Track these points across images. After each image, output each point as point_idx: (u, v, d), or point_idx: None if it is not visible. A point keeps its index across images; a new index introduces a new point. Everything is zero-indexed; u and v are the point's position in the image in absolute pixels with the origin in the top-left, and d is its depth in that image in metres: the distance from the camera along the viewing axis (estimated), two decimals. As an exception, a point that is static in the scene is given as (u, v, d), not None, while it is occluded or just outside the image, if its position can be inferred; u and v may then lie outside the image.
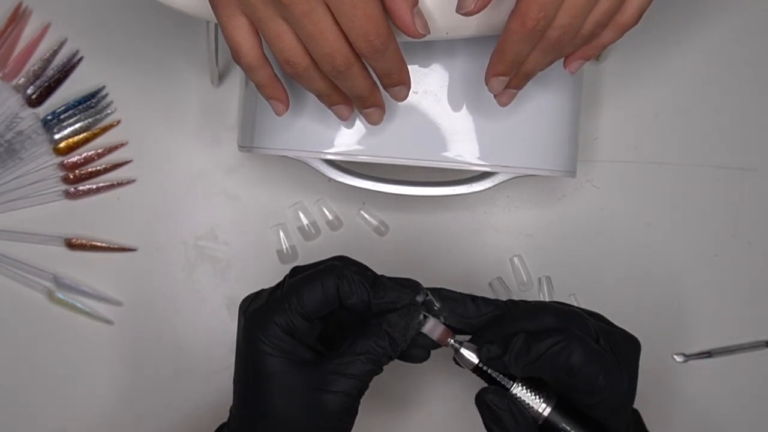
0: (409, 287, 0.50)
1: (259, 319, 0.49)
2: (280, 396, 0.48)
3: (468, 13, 0.45)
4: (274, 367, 0.49)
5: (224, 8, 0.45)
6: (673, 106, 0.69)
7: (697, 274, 0.69)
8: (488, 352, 0.49)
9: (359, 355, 0.48)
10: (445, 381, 0.68)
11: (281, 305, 0.49)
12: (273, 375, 0.48)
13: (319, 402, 0.48)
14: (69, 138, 0.67)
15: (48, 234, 0.67)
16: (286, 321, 0.49)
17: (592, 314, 0.52)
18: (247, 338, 0.50)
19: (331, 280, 0.49)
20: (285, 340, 0.49)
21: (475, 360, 0.49)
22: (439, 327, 0.50)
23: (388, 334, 0.49)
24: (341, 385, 0.48)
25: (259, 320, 0.49)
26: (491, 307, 0.51)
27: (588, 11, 0.45)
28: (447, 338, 0.50)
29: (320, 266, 0.51)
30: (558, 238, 0.69)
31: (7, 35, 0.67)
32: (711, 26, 0.70)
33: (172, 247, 0.68)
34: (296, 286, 0.50)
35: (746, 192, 0.69)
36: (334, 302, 0.50)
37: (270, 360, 0.49)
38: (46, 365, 0.67)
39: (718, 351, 0.68)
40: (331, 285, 0.49)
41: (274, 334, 0.49)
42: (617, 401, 0.48)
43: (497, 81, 0.50)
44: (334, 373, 0.48)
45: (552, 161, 0.59)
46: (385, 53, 0.45)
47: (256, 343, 0.49)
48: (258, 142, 0.59)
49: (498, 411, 0.48)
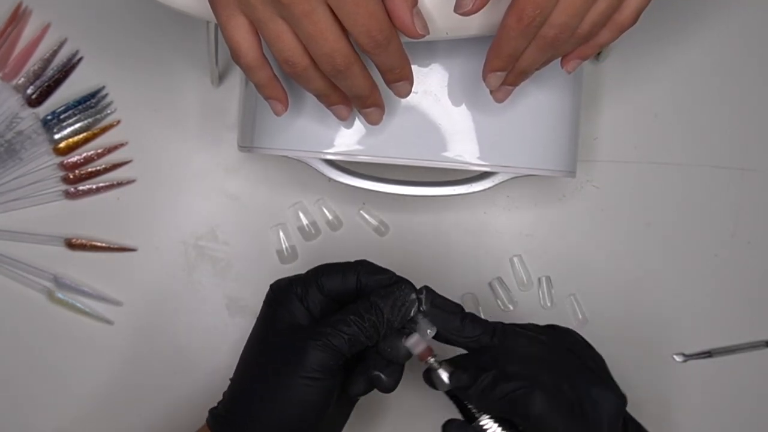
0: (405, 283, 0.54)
1: (282, 285, 0.54)
2: (282, 356, 0.51)
3: (466, 12, 0.45)
4: (283, 327, 0.52)
5: (224, 8, 0.45)
6: (673, 106, 0.69)
7: (697, 274, 0.69)
8: (458, 381, 0.51)
9: (347, 316, 0.51)
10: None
11: (303, 278, 0.54)
12: (279, 332, 0.52)
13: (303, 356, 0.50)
14: (69, 138, 0.67)
15: (48, 234, 0.67)
16: (302, 289, 0.53)
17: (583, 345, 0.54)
18: (267, 303, 0.55)
19: (354, 270, 0.53)
20: (298, 307, 0.53)
21: (446, 384, 0.51)
22: (422, 344, 0.51)
23: (377, 306, 0.51)
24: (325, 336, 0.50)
25: (282, 286, 0.54)
26: (478, 330, 0.53)
27: (585, 11, 0.45)
28: (427, 356, 0.51)
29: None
30: (558, 238, 0.69)
31: (7, 35, 0.67)
32: (711, 26, 0.70)
33: (172, 247, 0.68)
34: (322, 267, 0.54)
35: (746, 192, 0.69)
36: (352, 288, 0.53)
37: (281, 321, 0.52)
38: (46, 365, 0.67)
39: (718, 351, 0.68)
40: (352, 273, 0.53)
41: (291, 299, 0.53)
42: None
43: (494, 77, 0.50)
44: (322, 327, 0.51)
45: (552, 161, 0.59)
46: (387, 48, 0.46)
47: (274, 305, 0.53)
48: (258, 142, 0.59)
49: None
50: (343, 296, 0.53)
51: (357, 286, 0.53)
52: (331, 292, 0.53)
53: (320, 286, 0.53)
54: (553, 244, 0.69)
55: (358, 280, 0.53)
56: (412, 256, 0.68)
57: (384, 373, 0.52)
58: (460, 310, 0.53)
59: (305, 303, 0.53)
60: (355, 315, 0.51)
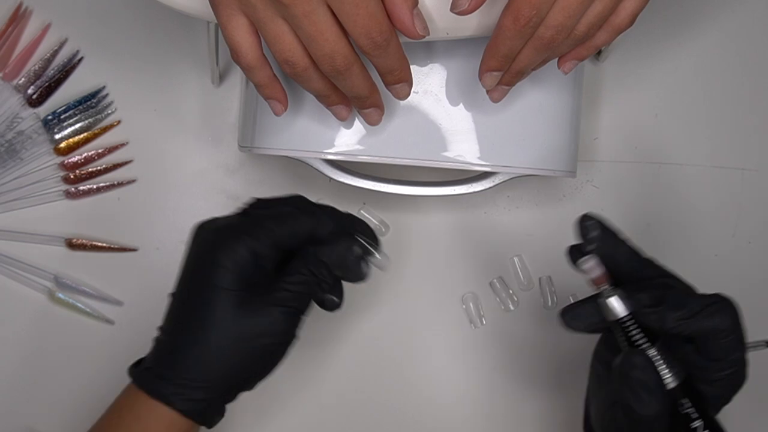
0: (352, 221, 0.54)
1: (228, 235, 0.51)
2: (222, 312, 0.49)
3: (462, 12, 0.45)
4: (227, 282, 0.49)
5: (224, 8, 0.46)
6: (673, 106, 0.69)
7: (697, 274, 0.69)
8: (640, 300, 0.48)
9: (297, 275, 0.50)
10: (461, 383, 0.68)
11: (255, 228, 0.51)
12: (223, 290, 0.49)
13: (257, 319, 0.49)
14: (69, 138, 0.67)
15: (48, 234, 0.67)
16: (255, 244, 0.50)
17: None
18: (207, 250, 0.51)
19: (307, 219, 0.52)
20: (248, 261, 0.50)
21: (623, 312, 0.48)
22: (600, 267, 0.49)
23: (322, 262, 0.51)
24: (280, 298, 0.50)
25: (228, 236, 0.51)
26: (636, 258, 0.51)
27: (582, 12, 0.45)
28: (604, 281, 0.49)
29: (289, 201, 0.53)
30: (558, 238, 0.69)
31: (8, 35, 0.67)
32: (711, 26, 0.70)
33: (172, 247, 0.68)
34: (273, 215, 0.52)
35: (746, 192, 0.69)
36: (304, 239, 0.51)
37: (225, 275, 0.49)
38: (46, 365, 0.67)
39: (718, 351, 0.68)
40: (307, 223, 0.52)
41: (240, 252, 0.50)
42: (738, 380, 0.50)
43: (490, 76, 0.50)
44: (276, 289, 0.50)
45: (552, 161, 0.59)
46: (387, 50, 0.46)
47: (218, 256, 0.50)
48: (258, 142, 0.59)
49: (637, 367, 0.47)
50: (297, 243, 0.52)
51: (310, 232, 0.52)
52: (286, 246, 0.52)
53: (275, 242, 0.51)
54: (553, 244, 0.69)
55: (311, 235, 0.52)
56: (412, 256, 0.68)
57: (335, 294, 0.53)
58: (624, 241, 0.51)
59: (258, 262, 0.50)
60: (309, 274, 0.50)
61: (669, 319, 0.47)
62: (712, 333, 0.47)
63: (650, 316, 0.48)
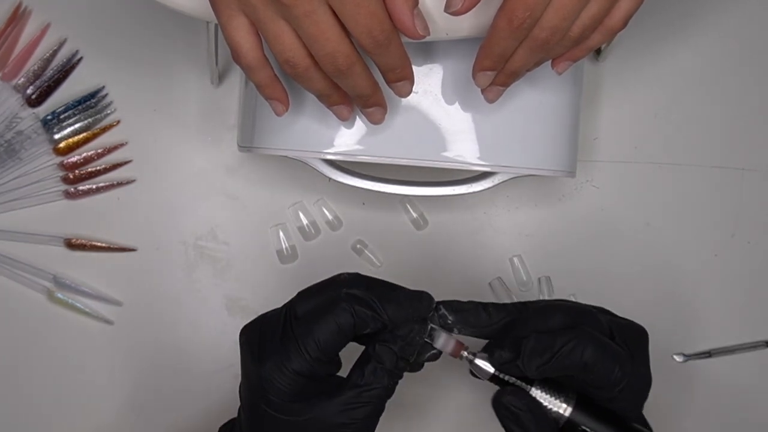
0: (422, 301, 0.51)
1: (278, 374, 0.48)
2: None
3: (455, 12, 0.45)
4: (291, 408, 0.48)
5: (224, 8, 0.45)
6: (673, 106, 0.69)
7: (697, 274, 0.69)
8: (500, 357, 0.49)
9: (368, 386, 0.49)
10: (460, 391, 0.68)
11: (298, 353, 0.48)
12: (291, 411, 0.48)
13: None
14: (69, 138, 0.67)
15: (48, 234, 0.67)
16: (304, 368, 0.48)
17: (598, 309, 0.52)
18: (266, 387, 0.49)
19: (345, 318, 0.49)
20: (303, 384, 0.49)
21: (491, 369, 0.49)
22: (451, 341, 0.50)
23: (395, 354, 0.49)
24: (357, 414, 0.48)
25: (278, 374, 0.48)
26: (503, 313, 0.51)
27: (576, 14, 0.45)
28: (460, 351, 0.50)
29: (329, 294, 0.50)
30: (558, 238, 0.69)
31: (7, 35, 0.67)
32: (711, 26, 0.70)
33: (172, 247, 0.68)
34: (311, 328, 0.49)
35: (746, 192, 0.69)
36: (351, 337, 0.49)
37: (288, 403, 0.49)
38: (45, 365, 0.67)
39: (718, 351, 0.68)
40: (347, 324, 0.49)
41: (295, 380, 0.48)
42: (635, 391, 0.49)
43: (484, 76, 0.50)
44: (348, 404, 0.49)
45: (552, 161, 0.59)
46: (388, 48, 0.46)
47: (275, 391, 0.48)
48: (258, 142, 0.59)
49: (517, 412, 0.48)
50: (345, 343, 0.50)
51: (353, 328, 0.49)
52: (335, 353, 0.50)
53: (323, 357, 0.49)
54: (553, 244, 0.69)
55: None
56: (412, 256, 0.68)
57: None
58: (478, 303, 0.52)
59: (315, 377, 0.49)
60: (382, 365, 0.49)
61: (531, 368, 0.48)
62: (578, 368, 0.48)
63: (513, 370, 0.49)
